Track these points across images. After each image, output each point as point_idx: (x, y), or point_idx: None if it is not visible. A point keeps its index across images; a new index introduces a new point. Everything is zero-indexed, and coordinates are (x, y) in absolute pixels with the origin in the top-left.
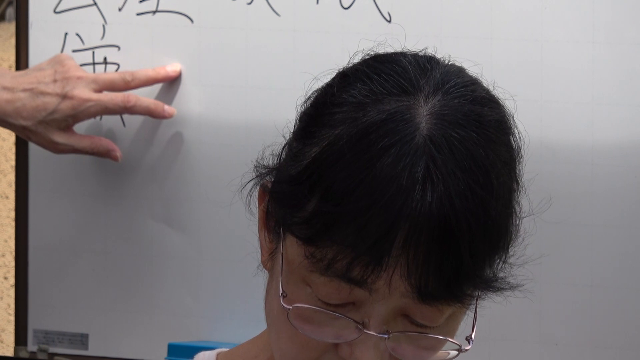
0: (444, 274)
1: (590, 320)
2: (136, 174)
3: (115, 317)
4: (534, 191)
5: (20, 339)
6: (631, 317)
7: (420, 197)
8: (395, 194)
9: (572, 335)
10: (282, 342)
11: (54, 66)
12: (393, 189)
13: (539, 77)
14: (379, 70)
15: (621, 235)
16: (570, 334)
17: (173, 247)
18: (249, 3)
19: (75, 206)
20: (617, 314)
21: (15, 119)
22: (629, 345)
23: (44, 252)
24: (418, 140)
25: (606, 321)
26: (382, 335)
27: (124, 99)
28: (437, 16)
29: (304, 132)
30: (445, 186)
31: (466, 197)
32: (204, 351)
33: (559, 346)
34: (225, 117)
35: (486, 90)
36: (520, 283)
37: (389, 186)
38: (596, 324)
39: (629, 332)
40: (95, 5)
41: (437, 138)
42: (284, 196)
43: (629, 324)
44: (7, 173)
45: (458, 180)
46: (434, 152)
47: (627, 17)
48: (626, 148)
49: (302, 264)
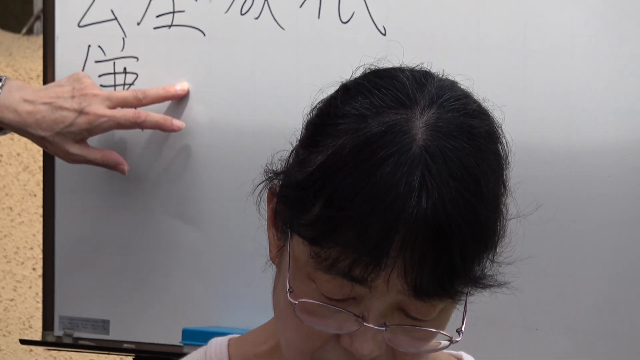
0: (437, 273)
1: (568, 308)
2: (153, 175)
3: (134, 304)
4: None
5: (48, 324)
6: (605, 306)
7: (416, 203)
8: (394, 201)
9: (551, 321)
10: (288, 332)
11: (72, 83)
12: (391, 196)
13: (522, 84)
14: (379, 84)
15: (597, 232)
16: (549, 320)
17: (187, 242)
18: (256, 18)
19: (97, 204)
20: (593, 303)
21: (35, 130)
22: (603, 331)
23: (69, 246)
24: (414, 150)
25: (582, 309)
26: (379, 327)
27: (135, 115)
28: (428, 29)
29: (309, 140)
30: (439, 193)
31: (458, 203)
32: (217, 337)
33: (539, 331)
34: (234, 122)
35: (477, 103)
36: (507, 280)
37: (387, 193)
38: (573, 312)
39: (603, 320)
40: (115, 19)
41: (432, 149)
42: (291, 200)
43: (603, 312)
44: (35, 173)
45: (451, 188)
46: (429, 161)
47: (603, 30)
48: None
49: (307, 262)
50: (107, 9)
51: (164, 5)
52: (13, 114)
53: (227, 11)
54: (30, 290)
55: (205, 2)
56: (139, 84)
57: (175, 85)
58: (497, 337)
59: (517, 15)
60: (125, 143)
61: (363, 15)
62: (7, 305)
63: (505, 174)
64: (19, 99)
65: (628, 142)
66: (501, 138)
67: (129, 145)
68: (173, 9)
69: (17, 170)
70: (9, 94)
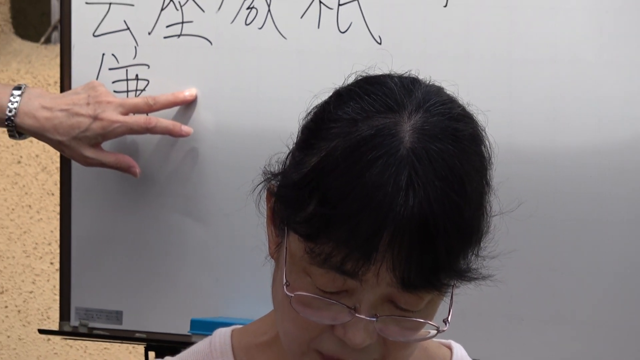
0: (424, 267)
1: (552, 299)
2: (162, 176)
3: (145, 296)
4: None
5: (64, 315)
6: (587, 297)
7: (403, 202)
8: (382, 200)
9: (535, 312)
10: (285, 323)
11: (87, 91)
12: (380, 195)
13: (508, 90)
14: (369, 90)
15: (578, 227)
16: (534, 311)
17: (194, 238)
18: (260, 28)
19: (111, 202)
20: (575, 294)
21: (52, 134)
22: (584, 321)
23: (84, 241)
24: (402, 152)
25: (565, 300)
26: (371, 318)
27: (146, 121)
28: (420, 39)
29: (305, 143)
30: (425, 192)
31: (443, 202)
32: (221, 327)
33: (525, 321)
34: (239, 126)
35: (462, 107)
36: (492, 274)
37: (377, 192)
38: (556, 303)
39: (585, 310)
40: (128, 29)
41: (418, 151)
42: (287, 199)
43: (585, 303)
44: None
45: (436, 188)
46: (415, 163)
47: (583, 40)
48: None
49: (303, 257)
50: (120, 19)
51: (173, 16)
52: (32, 120)
53: (232, 21)
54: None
55: (212, 13)
56: (150, 90)
57: (184, 91)
58: (485, 327)
59: (503, 27)
60: (137, 147)
61: (360, 25)
62: (26, 297)
63: (489, 174)
64: (38, 106)
65: (608, 144)
66: (484, 140)
67: (141, 148)
68: (182, 19)
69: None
70: (29, 101)
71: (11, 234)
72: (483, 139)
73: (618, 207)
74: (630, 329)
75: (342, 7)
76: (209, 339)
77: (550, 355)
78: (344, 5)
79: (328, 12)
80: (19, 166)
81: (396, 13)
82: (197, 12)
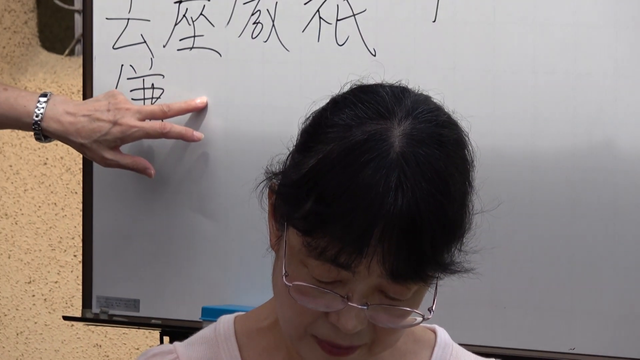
0: (411, 260)
1: (531, 288)
2: (176, 177)
3: (160, 286)
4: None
5: (86, 303)
6: (564, 285)
7: (393, 201)
8: (374, 199)
9: (517, 300)
10: (284, 310)
11: (108, 99)
12: (372, 195)
13: (492, 98)
14: (362, 99)
15: (553, 224)
16: (515, 299)
17: (205, 232)
18: (265, 41)
19: (129, 200)
20: (553, 283)
21: (75, 138)
22: (563, 308)
23: (104, 236)
24: (392, 156)
25: (543, 289)
26: (362, 306)
27: (161, 127)
28: (411, 51)
29: (303, 146)
30: (413, 193)
31: (429, 201)
32: (225, 314)
33: (507, 309)
34: (246, 131)
35: (447, 115)
36: (473, 267)
37: (369, 192)
38: (536, 291)
39: (560, 298)
40: (145, 42)
41: (407, 154)
42: (287, 196)
43: (561, 292)
44: (76, 173)
45: (423, 189)
46: (404, 166)
47: (559, 53)
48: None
49: (300, 250)
50: (137, 33)
51: (186, 30)
52: (57, 124)
53: (240, 35)
54: (72, 274)
55: (221, 28)
56: (165, 98)
57: (196, 99)
58: (470, 314)
59: (486, 41)
60: (152, 150)
61: (356, 39)
62: (52, 287)
63: (471, 176)
64: (62, 112)
65: (581, 148)
66: (468, 145)
67: (156, 151)
68: (194, 33)
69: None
70: (54, 107)
71: (38, 229)
72: (466, 144)
73: (589, 205)
74: (602, 314)
75: (340, 22)
76: (214, 325)
77: (529, 340)
78: (342, 20)
79: (327, 26)
80: (45, 167)
81: (389, 28)
82: (207, 26)
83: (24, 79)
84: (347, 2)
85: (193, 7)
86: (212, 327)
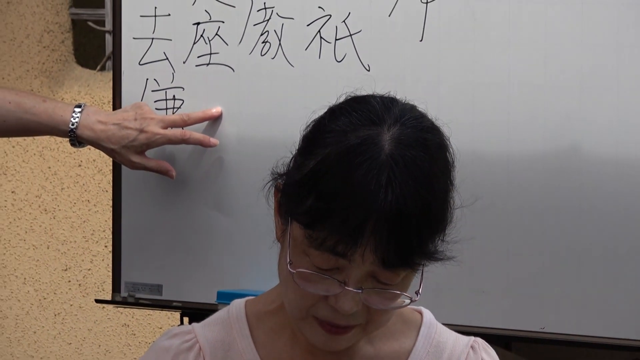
0: (400, 250)
1: (507, 274)
2: (195, 178)
3: (180, 272)
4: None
5: (116, 288)
6: (535, 272)
7: (383, 197)
8: (367, 196)
9: (495, 285)
10: (289, 294)
11: (135, 109)
12: (365, 192)
13: (471, 108)
14: (356, 108)
15: (526, 217)
16: (493, 284)
17: (220, 226)
18: (273, 58)
19: (153, 198)
20: (525, 270)
21: (106, 143)
22: (534, 292)
23: (132, 228)
24: (382, 158)
25: (517, 275)
26: (357, 290)
27: (182, 134)
28: (401, 66)
29: (304, 149)
30: (401, 190)
31: (415, 198)
32: (237, 298)
33: (486, 293)
34: (256, 138)
35: (431, 121)
36: (454, 255)
37: (362, 190)
38: (511, 277)
39: (534, 283)
40: (167, 59)
41: (395, 156)
42: (291, 195)
43: (534, 277)
44: (107, 174)
45: (409, 186)
46: (393, 166)
47: (532, 66)
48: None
49: (303, 241)
50: (160, 51)
51: (203, 48)
52: (90, 132)
53: (250, 53)
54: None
55: (234, 46)
56: (185, 108)
57: (212, 109)
58: (452, 297)
59: (467, 57)
60: (174, 154)
61: (353, 56)
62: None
63: (452, 175)
64: (95, 121)
65: (551, 152)
66: (449, 148)
67: (177, 156)
68: (210, 51)
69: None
70: (87, 117)
71: (73, 223)
72: (448, 147)
73: (557, 201)
74: (568, 298)
75: (338, 41)
76: (227, 308)
77: (504, 320)
78: (340, 40)
79: (327, 45)
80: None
81: (382, 46)
82: (222, 45)
83: (61, 92)
84: (344, 23)
85: (209, 28)
86: (226, 310)
